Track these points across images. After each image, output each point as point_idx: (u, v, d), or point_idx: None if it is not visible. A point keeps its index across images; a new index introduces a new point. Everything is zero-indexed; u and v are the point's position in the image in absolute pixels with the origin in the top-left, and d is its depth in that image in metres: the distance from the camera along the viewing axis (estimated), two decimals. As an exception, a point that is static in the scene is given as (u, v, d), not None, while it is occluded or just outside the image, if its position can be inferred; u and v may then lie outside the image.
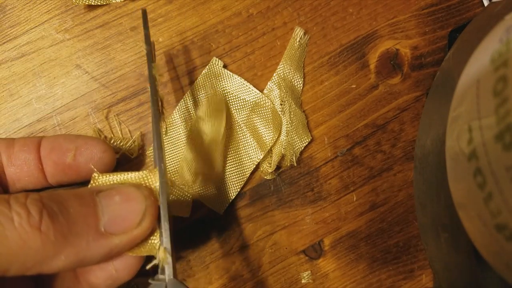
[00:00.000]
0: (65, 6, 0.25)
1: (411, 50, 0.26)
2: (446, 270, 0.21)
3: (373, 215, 0.26)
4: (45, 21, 0.25)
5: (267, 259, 0.26)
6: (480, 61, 0.16)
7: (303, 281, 0.26)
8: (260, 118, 0.25)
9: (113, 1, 0.25)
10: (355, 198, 0.26)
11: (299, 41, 0.25)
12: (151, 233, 0.18)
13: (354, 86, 0.26)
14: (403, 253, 0.26)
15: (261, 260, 0.25)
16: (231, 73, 0.25)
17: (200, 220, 0.25)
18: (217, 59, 0.25)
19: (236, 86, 0.25)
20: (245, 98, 0.25)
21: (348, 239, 0.26)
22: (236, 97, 0.25)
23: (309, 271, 0.26)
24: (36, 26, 0.25)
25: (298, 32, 0.25)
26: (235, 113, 0.25)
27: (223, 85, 0.25)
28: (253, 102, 0.25)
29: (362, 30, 0.26)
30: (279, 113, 0.25)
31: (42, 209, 0.15)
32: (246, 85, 0.25)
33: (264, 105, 0.25)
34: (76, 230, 0.16)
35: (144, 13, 0.21)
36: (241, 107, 0.25)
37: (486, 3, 0.26)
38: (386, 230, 0.26)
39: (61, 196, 0.16)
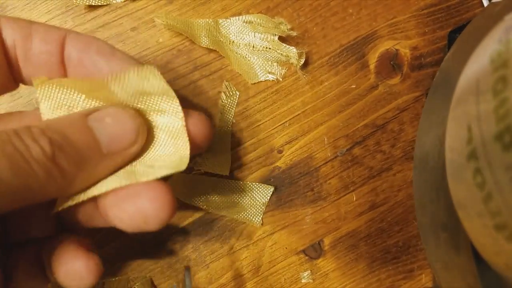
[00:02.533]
0: (66, 6, 0.25)
1: (411, 50, 0.26)
2: (446, 270, 0.21)
3: (373, 215, 0.26)
4: (46, 21, 0.25)
5: (267, 259, 0.26)
6: (480, 61, 0.16)
7: (303, 280, 0.26)
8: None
9: (114, 1, 0.25)
10: (355, 198, 0.26)
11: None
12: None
13: (354, 86, 0.26)
14: (403, 253, 0.26)
15: (261, 260, 0.26)
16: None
17: (200, 220, 0.25)
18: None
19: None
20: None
21: (348, 239, 0.26)
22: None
23: (309, 271, 0.26)
24: (37, 27, 0.25)
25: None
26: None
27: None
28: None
29: (362, 30, 0.26)
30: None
31: (50, 142, 0.16)
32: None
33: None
34: (83, 157, 0.17)
35: (188, 270, 0.21)
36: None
37: (485, 3, 0.26)
38: (385, 230, 0.26)
39: (58, 126, 0.17)
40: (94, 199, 0.18)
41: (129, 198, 0.18)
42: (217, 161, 0.25)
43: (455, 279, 0.20)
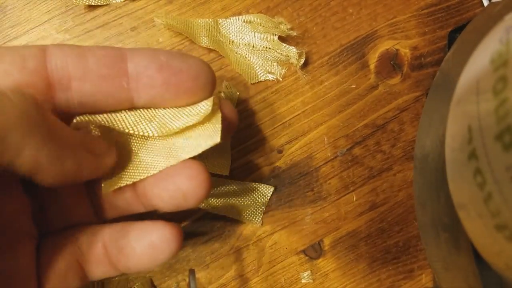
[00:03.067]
0: (65, 6, 0.25)
1: (411, 50, 0.26)
2: (446, 270, 0.21)
3: (373, 215, 0.26)
4: (46, 21, 0.25)
5: (267, 259, 0.26)
6: (480, 61, 0.16)
7: (303, 281, 0.26)
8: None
9: (113, 1, 0.25)
10: (355, 198, 0.26)
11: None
12: None
13: (354, 86, 0.26)
14: (403, 253, 0.26)
15: (261, 260, 0.26)
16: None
17: (200, 220, 0.25)
18: None
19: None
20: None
21: (348, 239, 0.26)
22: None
23: (309, 271, 0.26)
24: (37, 26, 0.25)
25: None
26: None
27: None
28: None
29: (362, 30, 0.26)
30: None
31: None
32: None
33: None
34: None
35: (193, 273, 0.21)
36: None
37: (485, 3, 0.26)
38: (386, 230, 0.26)
39: None
40: (133, 183, 0.18)
41: (169, 178, 0.18)
42: (217, 161, 0.25)
43: (455, 279, 0.20)
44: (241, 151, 0.26)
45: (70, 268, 0.18)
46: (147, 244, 0.18)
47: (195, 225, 0.25)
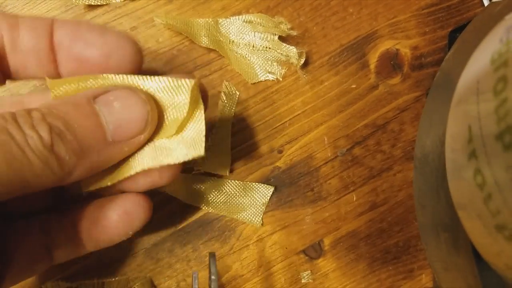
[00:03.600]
0: (65, 6, 0.25)
1: (411, 50, 0.26)
2: (446, 270, 0.21)
3: (373, 215, 0.26)
4: (45, 21, 0.25)
5: (267, 259, 0.26)
6: (480, 61, 0.16)
7: (303, 281, 0.26)
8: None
9: (113, 1, 0.25)
10: (355, 198, 0.26)
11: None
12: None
13: (354, 86, 0.26)
14: (403, 253, 0.26)
15: (261, 260, 0.25)
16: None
17: (200, 220, 0.25)
18: None
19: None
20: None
21: (348, 239, 0.26)
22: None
23: (309, 271, 0.26)
24: (36, 26, 0.25)
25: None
26: None
27: None
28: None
29: (362, 30, 0.26)
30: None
31: (50, 129, 0.15)
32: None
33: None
34: (85, 145, 0.16)
35: (213, 256, 0.21)
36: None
37: (486, 3, 0.26)
38: (386, 230, 0.26)
39: (61, 111, 0.16)
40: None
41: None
42: (217, 161, 0.25)
43: (455, 279, 0.20)
44: (241, 151, 0.26)
45: (38, 253, 0.19)
46: (122, 212, 0.19)
47: (195, 225, 0.25)
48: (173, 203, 0.25)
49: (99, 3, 0.25)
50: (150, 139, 0.18)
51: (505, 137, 0.14)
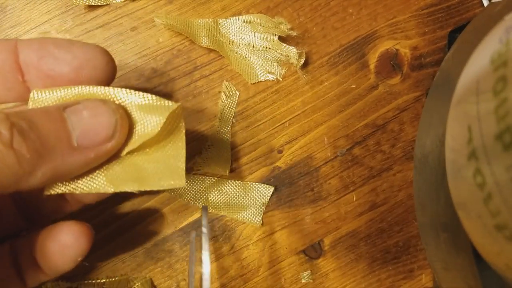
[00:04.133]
0: (66, 6, 0.25)
1: (411, 50, 0.26)
2: (446, 270, 0.21)
3: (373, 215, 0.26)
4: (46, 21, 0.25)
5: (267, 259, 0.26)
6: (480, 61, 0.16)
7: (303, 280, 0.26)
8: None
9: (113, 1, 0.25)
10: (355, 198, 0.26)
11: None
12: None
13: (354, 86, 0.26)
14: (403, 253, 0.26)
15: (261, 260, 0.26)
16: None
17: (200, 220, 0.25)
18: None
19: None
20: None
21: (348, 239, 0.26)
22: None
23: (309, 271, 0.26)
24: (37, 27, 0.25)
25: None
26: None
27: None
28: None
29: (362, 30, 0.26)
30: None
31: (12, 126, 0.15)
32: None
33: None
34: (49, 146, 0.16)
35: (205, 209, 0.21)
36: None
37: (485, 3, 0.26)
38: (385, 230, 0.26)
39: (28, 114, 0.16)
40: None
41: None
42: (217, 161, 0.25)
43: (455, 279, 0.20)
44: (241, 151, 0.26)
45: (9, 278, 0.19)
46: (61, 244, 0.19)
47: (195, 225, 0.25)
48: (173, 203, 0.25)
49: (99, 3, 0.25)
50: (119, 155, 0.18)
51: (505, 137, 0.14)
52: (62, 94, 0.17)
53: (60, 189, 0.18)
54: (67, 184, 0.18)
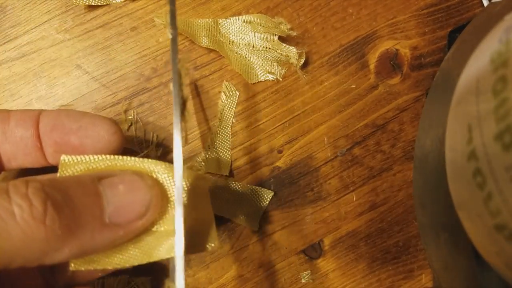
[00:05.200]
0: (65, 6, 0.25)
1: (411, 50, 0.26)
2: (446, 270, 0.21)
3: (373, 215, 0.26)
4: (46, 21, 0.25)
5: (267, 259, 0.26)
6: (480, 61, 0.16)
7: (303, 280, 0.26)
8: None
9: (113, 1, 0.25)
10: (355, 198, 0.26)
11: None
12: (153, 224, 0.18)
13: (354, 86, 0.26)
14: (403, 253, 0.26)
15: (261, 260, 0.26)
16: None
17: (200, 220, 0.25)
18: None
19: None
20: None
21: (348, 239, 0.26)
22: None
23: (309, 271, 0.26)
24: (37, 27, 0.25)
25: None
26: None
27: None
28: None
29: (361, 30, 0.26)
30: None
31: (46, 199, 0.14)
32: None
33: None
34: (81, 222, 0.15)
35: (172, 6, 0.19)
36: None
37: (485, 3, 0.26)
38: (385, 230, 0.26)
39: (63, 184, 0.15)
40: None
41: None
42: (217, 161, 0.25)
43: (455, 279, 0.20)
44: (241, 151, 0.26)
45: None
46: None
47: (195, 225, 0.25)
48: (173, 203, 0.25)
49: (99, 4, 0.25)
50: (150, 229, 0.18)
51: (504, 137, 0.14)
52: (92, 160, 0.18)
53: (90, 265, 0.17)
54: (95, 259, 0.17)
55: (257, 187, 0.25)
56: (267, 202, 0.25)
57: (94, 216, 0.16)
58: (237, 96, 0.26)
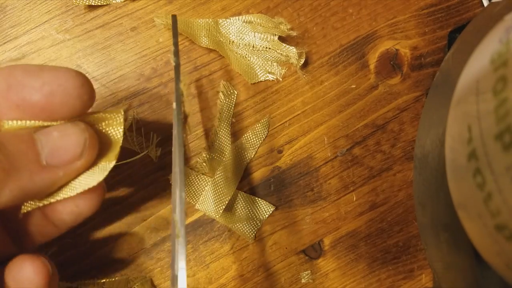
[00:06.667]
0: (66, 6, 0.25)
1: (411, 50, 0.26)
2: (446, 270, 0.21)
3: (373, 215, 0.26)
4: (46, 21, 0.25)
5: (267, 259, 0.26)
6: (480, 61, 0.16)
7: (303, 280, 0.26)
8: None
9: (113, 1, 0.25)
10: (355, 198, 0.26)
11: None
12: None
13: (354, 86, 0.26)
14: (403, 253, 0.26)
15: (261, 260, 0.26)
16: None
17: (200, 220, 0.25)
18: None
19: None
20: None
21: (348, 239, 0.26)
22: None
23: (309, 271, 0.26)
24: (37, 27, 0.25)
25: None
26: None
27: None
28: None
29: (362, 30, 0.26)
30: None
31: None
32: None
33: None
34: (17, 165, 0.16)
35: (174, 19, 0.20)
36: None
37: (485, 3, 0.26)
38: (385, 230, 0.26)
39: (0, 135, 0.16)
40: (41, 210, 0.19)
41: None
42: (217, 161, 0.25)
43: (455, 279, 0.20)
44: (241, 151, 0.26)
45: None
46: (16, 281, 0.18)
47: (195, 225, 0.25)
48: (173, 203, 0.25)
49: (99, 4, 0.25)
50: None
51: (504, 137, 0.14)
52: (33, 124, 0.18)
53: (33, 205, 0.18)
54: (40, 200, 0.18)
55: (259, 199, 0.25)
56: (266, 216, 0.25)
57: (29, 159, 0.16)
58: (235, 95, 0.26)
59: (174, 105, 0.20)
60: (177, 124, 0.19)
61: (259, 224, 0.25)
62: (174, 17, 0.20)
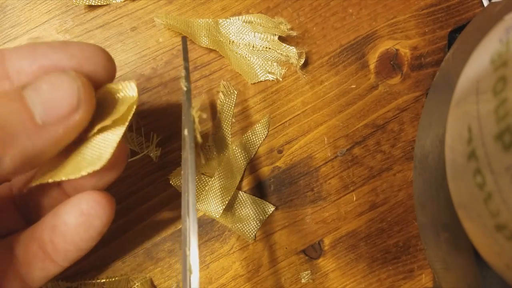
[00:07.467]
0: (66, 6, 0.25)
1: (411, 50, 0.26)
2: (446, 270, 0.21)
3: (373, 215, 0.26)
4: (46, 21, 0.25)
5: (267, 259, 0.26)
6: (480, 61, 0.16)
7: (303, 280, 0.26)
8: None
9: (113, 1, 0.25)
10: (355, 198, 0.26)
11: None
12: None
13: (354, 86, 0.26)
14: (403, 253, 0.26)
15: (261, 260, 0.26)
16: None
17: (200, 220, 0.25)
18: None
19: None
20: None
21: (348, 239, 0.26)
22: None
23: (309, 271, 0.26)
24: (37, 27, 0.25)
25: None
26: None
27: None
28: None
29: (361, 30, 0.26)
30: None
31: None
32: None
33: None
34: (11, 129, 0.15)
35: (184, 41, 0.19)
36: None
37: (485, 3, 0.26)
38: (385, 230, 0.26)
39: None
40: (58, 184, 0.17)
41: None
42: (217, 161, 0.25)
43: (455, 279, 0.20)
44: (241, 151, 0.26)
45: (7, 280, 0.18)
46: (78, 214, 0.17)
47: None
48: (173, 203, 0.25)
49: (99, 4, 0.25)
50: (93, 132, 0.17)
51: (504, 137, 0.14)
52: None
53: (46, 179, 0.17)
54: (52, 174, 0.17)
55: (259, 199, 0.25)
56: (266, 216, 0.25)
57: (23, 121, 0.15)
58: (235, 94, 0.26)
59: (185, 132, 0.18)
60: (189, 152, 0.17)
61: (259, 224, 0.25)
62: (184, 39, 0.19)
